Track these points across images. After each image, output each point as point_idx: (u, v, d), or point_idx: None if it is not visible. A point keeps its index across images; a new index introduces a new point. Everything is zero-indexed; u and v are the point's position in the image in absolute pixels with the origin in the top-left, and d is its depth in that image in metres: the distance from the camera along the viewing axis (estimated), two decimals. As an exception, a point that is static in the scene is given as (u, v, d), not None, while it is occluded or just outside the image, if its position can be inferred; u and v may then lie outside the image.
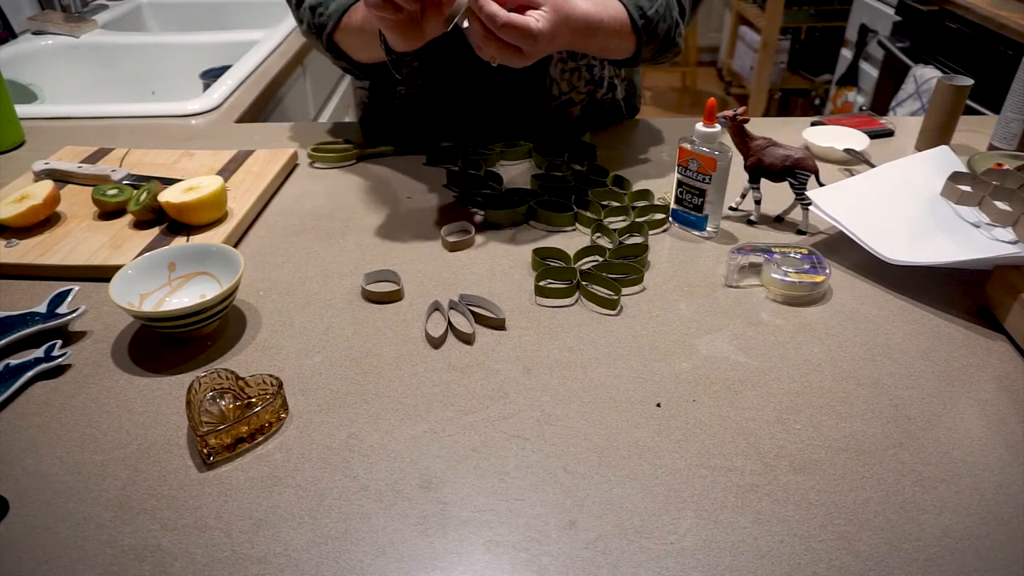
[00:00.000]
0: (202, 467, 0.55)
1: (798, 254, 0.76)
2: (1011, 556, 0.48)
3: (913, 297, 0.73)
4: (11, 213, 0.80)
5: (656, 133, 1.10)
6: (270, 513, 0.51)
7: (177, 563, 0.48)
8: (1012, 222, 0.72)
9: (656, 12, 0.86)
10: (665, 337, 0.68)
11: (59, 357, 0.64)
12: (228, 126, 1.18)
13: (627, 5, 0.85)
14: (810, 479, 0.53)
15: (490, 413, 0.59)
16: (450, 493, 0.53)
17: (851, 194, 0.83)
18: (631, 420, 0.59)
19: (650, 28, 0.85)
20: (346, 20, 0.90)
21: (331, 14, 0.90)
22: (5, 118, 1.07)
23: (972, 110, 1.89)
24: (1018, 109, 0.99)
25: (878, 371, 0.64)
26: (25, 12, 1.62)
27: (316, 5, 0.92)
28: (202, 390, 0.58)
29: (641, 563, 0.47)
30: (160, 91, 1.59)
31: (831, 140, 1.02)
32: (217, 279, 0.71)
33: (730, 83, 4.00)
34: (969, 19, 2.10)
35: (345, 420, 0.59)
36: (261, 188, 0.91)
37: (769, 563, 0.47)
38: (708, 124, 0.78)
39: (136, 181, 0.93)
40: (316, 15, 0.92)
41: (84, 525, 0.50)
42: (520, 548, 0.49)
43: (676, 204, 0.84)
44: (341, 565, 0.48)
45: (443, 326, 0.69)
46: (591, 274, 0.74)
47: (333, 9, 0.90)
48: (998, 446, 0.56)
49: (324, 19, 0.91)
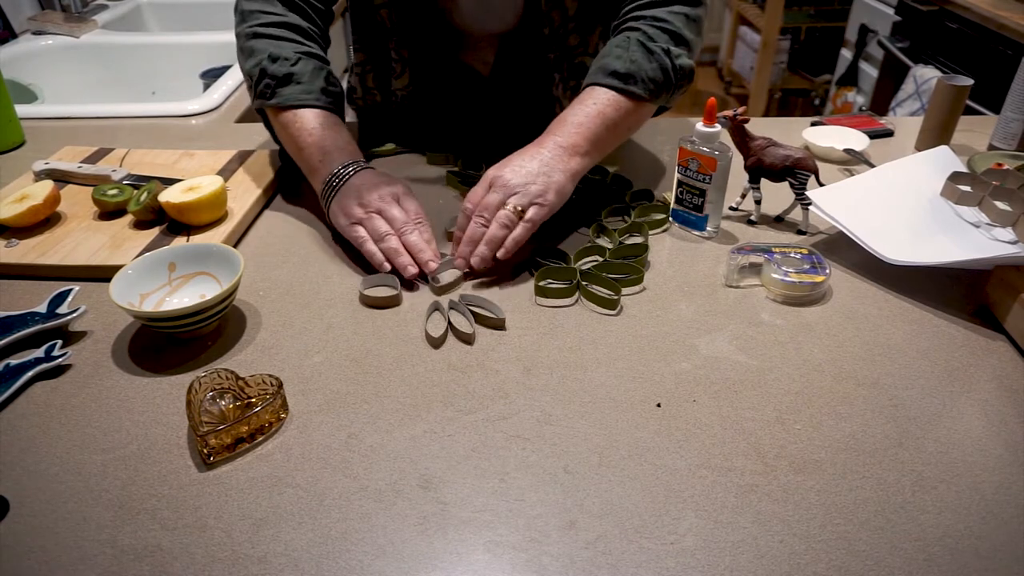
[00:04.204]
0: (202, 467, 0.55)
1: (798, 254, 0.76)
2: (1011, 556, 0.48)
3: (913, 297, 0.73)
4: (11, 213, 0.80)
5: (656, 133, 1.10)
6: (270, 513, 0.51)
7: (177, 563, 0.48)
8: (1012, 222, 0.72)
9: (632, 63, 0.80)
10: (665, 337, 0.68)
11: (59, 357, 0.64)
12: (228, 126, 1.18)
13: (600, 83, 0.81)
14: (810, 479, 0.53)
15: (490, 413, 0.59)
16: (450, 493, 0.53)
17: (851, 194, 0.83)
18: (631, 420, 0.59)
19: (636, 81, 0.80)
20: (293, 119, 0.84)
21: (281, 97, 0.84)
22: (5, 118, 1.07)
23: (972, 110, 1.89)
24: (1018, 109, 0.99)
25: (878, 371, 0.64)
26: (25, 12, 1.62)
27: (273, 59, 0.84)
28: (202, 390, 0.58)
29: (641, 563, 0.47)
30: (160, 91, 1.59)
31: (831, 140, 1.02)
32: (217, 279, 0.71)
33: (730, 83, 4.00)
34: (969, 19, 2.10)
35: (345, 420, 0.59)
36: (261, 188, 0.91)
37: (769, 563, 0.47)
38: (708, 124, 0.78)
39: (136, 181, 0.93)
40: (262, 78, 0.84)
41: (84, 525, 0.50)
42: (520, 548, 0.49)
43: (676, 204, 0.84)
44: (341, 565, 0.48)
45: (443, 326, 0.69)
46: (591, 274, 0.74)
47: (285, 95, 0.84)
48: (998, 446, 0.56)
49: (269, 93, 0.85)
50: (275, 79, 0.84)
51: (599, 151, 0.81)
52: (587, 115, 0.79)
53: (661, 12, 0.84)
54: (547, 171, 0.75)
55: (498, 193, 0.74)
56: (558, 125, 0.79)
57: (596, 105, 0.80)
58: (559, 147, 0.77)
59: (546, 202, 0.74)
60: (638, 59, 0.81)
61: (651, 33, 0.83)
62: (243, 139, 1.10)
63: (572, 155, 0.77)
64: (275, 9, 0.88)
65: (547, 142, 0.78)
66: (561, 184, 0.75)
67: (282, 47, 0.86)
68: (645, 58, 0.81)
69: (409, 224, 0.76)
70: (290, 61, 0.84)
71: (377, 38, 0.99)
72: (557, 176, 0.75)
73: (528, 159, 0.76)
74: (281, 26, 0.87)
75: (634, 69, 0.80)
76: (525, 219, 0.73)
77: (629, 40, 0.82)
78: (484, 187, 0.76)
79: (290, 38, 0.87)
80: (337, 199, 0.79)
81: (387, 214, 0.76)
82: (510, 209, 0.73)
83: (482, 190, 0.75)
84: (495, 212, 0.73)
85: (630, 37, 0.83)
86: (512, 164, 0.76)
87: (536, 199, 0.74)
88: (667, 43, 0.83)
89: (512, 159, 0.76)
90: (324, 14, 0.93)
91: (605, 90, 0.81)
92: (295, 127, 0.84)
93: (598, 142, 0.79)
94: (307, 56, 0.86)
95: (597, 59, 0.84)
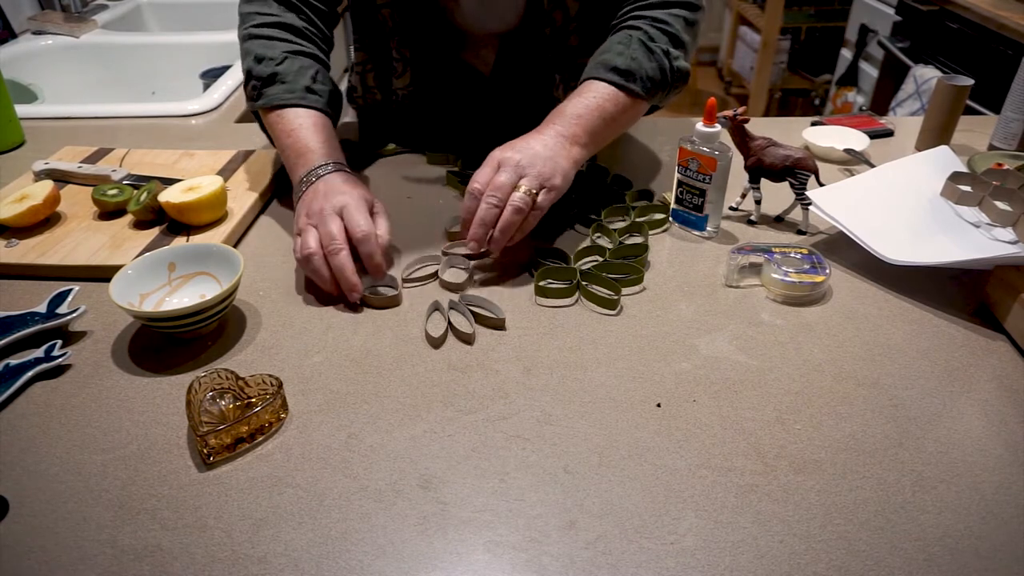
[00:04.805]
0: (202, 467, 0.55)
1: (798, 254, 0.76)
2: (1011, 556, 0.48)
3: (913, 297, 0.73)
4: (11, 213, 0.80)
5: (656, 133, 1.10)
6: (270, 513, 0.51)
7: (177, 563, 0.48)
8: (1012, 222, 0.72)
9: (633, 60, 0.81)
10: (665, 337, 0.68)
11: (59, 357, 0.64)
12: (228, 126, 1.18)
13: (600, 77, 0.81)
14: (810, 479, 0.53)
15: (490, 413, 0.59)
16: (450, 493, 0.53)
17: (851, 194, 0.83)
18: (631, 420, 0.59)
19: (635, 78, 0.81)
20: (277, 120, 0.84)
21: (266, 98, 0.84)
22: (5, 118, 1.07)
23: (972, 110, 1.89)
24: (1018, 109, 0.99)
25: (878, 371, 0.64)
26: (25, 12, 1.62)
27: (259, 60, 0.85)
28: (202, 390, 0.58)
29: (641, 563, 0.47)
30: (160, 91, 1.59)
31: (831, 140, 1.02)
32: (217, 279, 0.71)
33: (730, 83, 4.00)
34: (969, 19, 2.10)
35: (345, 420, 0.59)
36: (261, 188, 0.91)
37: (769, 563, 0.47)
38: (708, 124, 0.78)
39: (136, 181, 0.93)
40: (248, 79, 0.86)
41: (84, 525, 0.50)
42: (520, 548, 0.49)
43: (676, 204, 0.84)
44: (341, 565, 0.48)
45: (443, 326, 0.69)
46: (591, 274, 0.74)
47: (269, 96, 0.84)
48: (998, 446, 0.56)
49: (256, 95, 0.85)
50: (260, 80, 0.85)
51: (596, 144, 0.81)
52: (587, 107, 0.79)
53: (661, 14, 0.85)
54: (552, 155, 0.75)
55: (508, 172, 0.73)
56: (558, 115, 0.79)
57: (596, 99, 0.80)
58: (560, 135, 0.77)
59: (554, 186, 0.74)
60: (639, 57, 0.81)
61: (652, 33, 0.83)
62: (243, 139, 1.10)
63: (573, 144, 0.77)
64: (270, 10, 0.88)
65: (548, 130, 0.78)
66: (566, 170, 0.75)
67: (271, 47, 0.86)
68: (646, 57, 0.82)
69: (336, 243, 0.71)
70: (275, 61, 0.84)
71: (378, 37, 0.99)
72: (561, 161, 0.75)
73: (533, 142, 0.76)
74: (274, 26, 0.87)
75: (635, 67, 0.81)
76: (539, 203, 0.73)
77: (631, 38, 0.83)
78: (492, 167, 0.74)
79: (282, 37, 0.87)
80: (300, 204, 0.77)
81: (322, 229, 0.72)
82: (523, 191, 0.72)
83: (490, 170, 0.74)
84: (508, 193, 0.72)
85: (632, 35, 0.83)
86: (517, 146, 0.75)
87: (546, 181, 0.73)
88: (667, 44, 0.84)
89: (516, 142, 0.76)
90: (326, 15, 0.93)
91: (605, 84, 0.81)
92: (278, 128, 0.84)
93: (595, 134, 0.80)
94: (294, 55, 0.86)
95: (597, 54, 0.85)
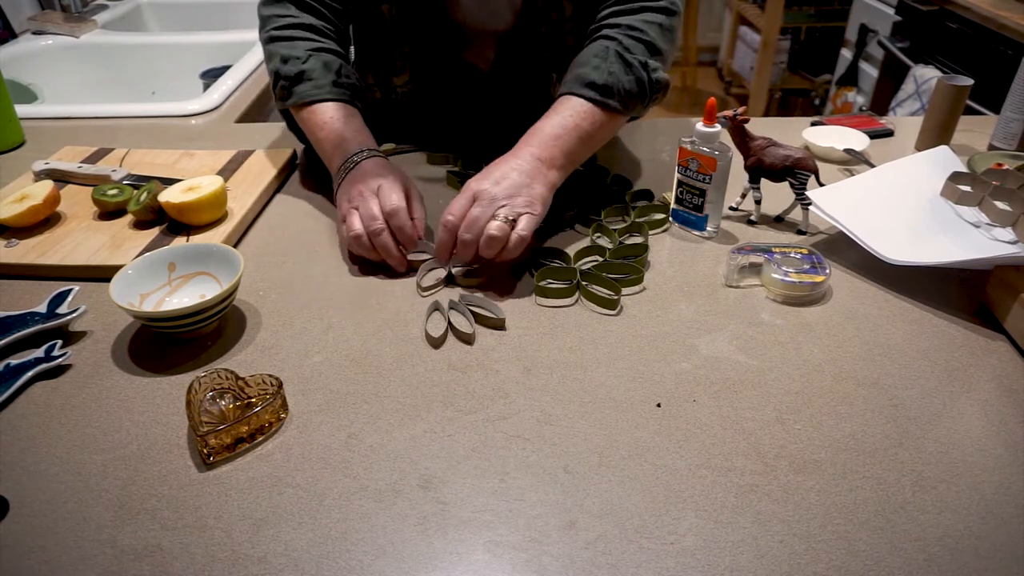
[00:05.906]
0: (202, 467, 0.55)
1: (798, 254, 0.76)
2: (1011, 556, 0.48)
3: (913, 297, 0.73)
4: (11, 213, 0.80)
5: (656, 133, 1.10)
6: (270, 513, 0.51)
7: (177, 563, 0.48)
8: (1012, 222, 0.72)
9: (610, 75, 0.80)
10: (665, 337, 0.68)
11: (59, 357, 0.64)
12: (228, 126, 1.18)
13: (577, 93, 0.80)
14: (810, 479, 0.53)
15: (490, 413, 0.59)
16: (450, 493, 0.53)
17: (851, 194, 0.83)
18: (631, 420, 0.59)
19: (613, 93, 0.80)
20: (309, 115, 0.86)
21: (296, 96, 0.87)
22: (5, 118, 1.07)
23: (972, 110, 1.89)
24: (1018, 109, 0.99)
25: (878, 371, 0.64)
26: (25, 12, 1.63)
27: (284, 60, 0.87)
28: (202, 390, 0.58)
29: (641, 563, 0.47)
30: (160, 91, 1.59)
31: (831, 140, 1.02)
32: (217, 279, 0.71)
33: (730, 83, 4.00)
34: (969, 19, 2.10)
35: (345, 420, 0.59)
36: (261, 188, 0.91)
37: (769, 563, 0.47)
38: (708, 124, 0.78)
39: (136, 181, 0.93)
40: (277, 80, 0.88)
41: (84, 525, 0.50)
42: (520, 548, 0.49)
43: (676, 204, 0.84)
44: (341, 565, 0.48)
45: (443, 326, 0.69)
46: (591, 274, 0.74)
47: (299, 93, 0.86)
48: (998, 446, 0.56)
49: (286, 94, 0.88)
50: (288, 79, 0.87)
51: (573, 164, 0.81)
52: (564, 127, 0.79)
53: (636, 21, 0.84)
54: (528, 183, 0.74)
55: (483, 207, 0.72)
56: (534, 135, 0.79)
57: (572, 117, 0.79)
58: (537, 159, 0.76)
59: (533, 213, 0.73)
60: (616, 71, 0.81)
61: (628, 44, 0.82)
62: (243, 139, 1.10)
63: (550, 168, 0.77)
64: (288, 11, 0.91)
65: (523, 153, 0.77)
66: (544, 196, 0.75)
67: (294, 47, 0.88)
68: (623, 71, 0.81)
69: (377, 224, 0.75)
70: (301, 60, 0.87)
71: (377, 34, 1.00)
72: (537, 187, 0.75)
73: (508, 170, 0.75)
74: (294, 27, 0.90)
75: (612, 81, 0.80)
76: (519, 230, 0.72)
77: (608, 51, 0.82)
78: (468, 199, 0.73)
79: (303, 37, 0.89)
80: (340, 190, 0.81)
81: (363, 210, 0.76)
82: (501, 219, 0.71)
83: (465, 202, 0.73)
84: (482, 228, 0.71)
85: (608, 48, 0.82)
86: (493, 176, 0.74)
87: (524, 210, 0.73)
88: (644, 55, 0.83)
89: (491, 171, 0.75)
90: (340, 13, 0.95)
91: (582, 101, 0.80)
92: (311, 122, 0.86)
93: (572, 155, 0.79)
94: (318, 52, 0.88)
95: (573, 66, 0.84)
